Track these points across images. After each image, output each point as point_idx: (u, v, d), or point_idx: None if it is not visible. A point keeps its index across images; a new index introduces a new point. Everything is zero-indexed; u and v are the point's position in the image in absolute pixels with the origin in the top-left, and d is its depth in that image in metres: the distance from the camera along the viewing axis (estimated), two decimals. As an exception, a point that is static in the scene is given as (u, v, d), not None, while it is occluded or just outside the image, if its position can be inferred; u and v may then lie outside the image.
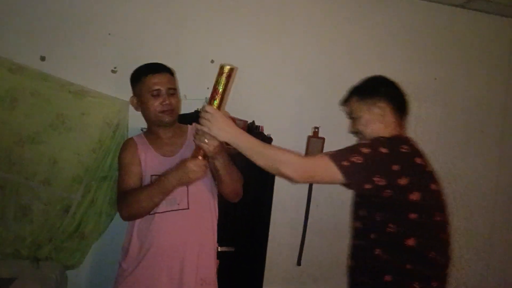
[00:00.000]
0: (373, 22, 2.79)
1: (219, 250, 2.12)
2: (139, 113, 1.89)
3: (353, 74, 2.71)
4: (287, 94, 2.66)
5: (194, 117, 2.27)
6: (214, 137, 1.47)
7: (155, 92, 1.77)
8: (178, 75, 2.42)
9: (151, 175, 1.76)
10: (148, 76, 1.79)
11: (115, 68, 2.41)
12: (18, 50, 2.24)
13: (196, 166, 1.57)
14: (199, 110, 2.36)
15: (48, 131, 2.15)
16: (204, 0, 2.53)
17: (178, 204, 1.74)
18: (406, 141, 1.55)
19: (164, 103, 1.78)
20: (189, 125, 1.96)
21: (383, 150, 1.44)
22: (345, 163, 1.41)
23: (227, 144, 1.53)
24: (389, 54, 2.81)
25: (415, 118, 2.85)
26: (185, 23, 2.51)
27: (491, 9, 2.85)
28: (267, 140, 2.41)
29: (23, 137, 2.14)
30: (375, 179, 1.41)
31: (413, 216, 1.45)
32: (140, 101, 1.83)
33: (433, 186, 1.52)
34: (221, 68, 1.50)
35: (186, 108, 2.36)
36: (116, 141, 2.20)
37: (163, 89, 1.78)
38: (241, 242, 2.24)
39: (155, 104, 1.77)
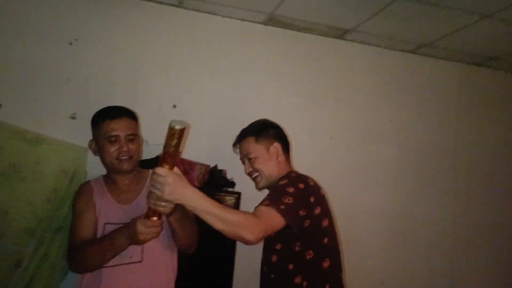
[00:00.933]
0: (332, 67, 2.89)
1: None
2: (99, 160, 1.84)
3: (312, 117, 2.82)
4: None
5: (154, 163, 2.23)
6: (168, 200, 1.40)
7: (112, 138, 1.73)
8: (139, 121, 2.41)
9: (105, 223, 1.69)
10: (106, 121, 1.74)
11: (74, 114, 2.36)
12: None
13: (146, 228, 1.47)
14: (160, 155, 2.32)
15: (0, 181, 2.05)
16: (164, 44, 2.56)
17: (130, 257, 1.65)
18: (307, 176, 1.73)
19: (121, 150, 1.73)
20: (150, 170, 1.91)
21: (301, 185, 1.61)
22: (282, 206, 1.52)
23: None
24: (347, 97, 2.91)
25: (372, 159, 2.93)
26: (145, 68, 2.52)
27: (439, 55, 3.03)
28: (230, 184, 2.39)
29: (-27, 188, 2.02)
30: (300, 212, 1.56)
31: (325, 240, 1.65)
32: (98, 146, 1.78)
33: (330, 213, 1.74)
34: (171, 129, 1.34)
35: (148, 153, 2.32)
36: (72, 189, 2.09)
37: (121, 136, 1.74)
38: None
39: (111, 150, 1.73)
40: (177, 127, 1.31)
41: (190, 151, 2.42)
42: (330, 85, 2.88)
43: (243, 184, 2.45)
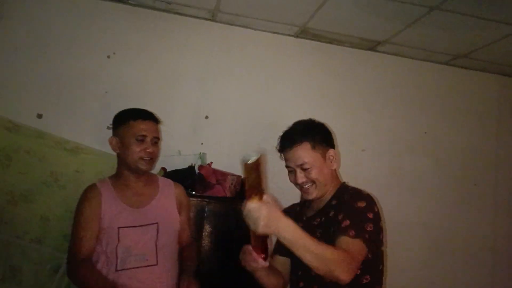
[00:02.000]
0: (365, 78, 2.88)
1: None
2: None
3: (343, 129, 2.80)
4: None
5: (187, 173, 2.28)
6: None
7: (140, 138, 1.79)
8: (172, 131, 2.47)
9: (119, 228, 1.71)
10: (138, 121, 1.81)
11: (110, 124, 2.43)
12: (16, 108, 2.29)
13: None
14: (193, 165, 2.37)
15: (41, 189, 2.14)
16: (197, 57, 2.62)
17: (147, 260, 1.72)
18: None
19: (147, 150, 1.79)
20: (159, 176, 1.98)
21: (376, 208, 1.50)
22: (366, 236, 1.42)
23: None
24: (380, 109, 2.88)
25: (407, 171, 2.88)
26: (179, 80, 2.59)
27: (476, 66, 2.96)
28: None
29: (16, 195, 2.12)
30: (378, 237, 1.48)
31: (380, 266, 1.56)
32: (121, 143, 1.82)
33: None
34: (245, 165, 1.23)
35: (181, 163, 2.38)
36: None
37: (149, 137, 1.81)
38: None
39: (138, 150, 1.78)
40: (251, 159, 1.22)
41: (222, 162, 2.45)
42: (362, 97, 2.87)
43: (274, 194, 2.45)
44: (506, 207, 2.99)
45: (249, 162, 1.22)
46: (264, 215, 1.20)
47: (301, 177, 1.56)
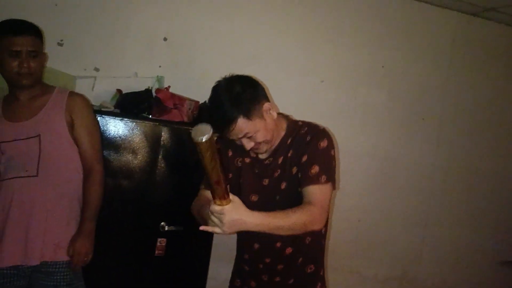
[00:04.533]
0: (325, 9, 2.83)
1: (166, 229, 2.14)
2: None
3: (304, 58, 2.81)
4: (237, 73, 2.63)
5: (144, 95, 2.25)
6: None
7: (13, 53, 1.71)
8: (128, 52, 2.38)
9: (0, 142, 1.75)
10: (8, 36, 1.71)
11: (61, 40, 2.32)
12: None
13: None
14: (149, 88, 2.33)
15: None
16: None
17: (27, 171, 1.74)
18: None
19: (22, 65, 1.72)
20: (56, 87, 1.88)
21: (332, 142, 1.54)
22: (334, 175, 1.51)
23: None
24: (339, 40, 2.88)
25: (361, 103, 2.97)
26: (136, -1, 2.45)
27: (436, 1, 2.98)
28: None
29: None
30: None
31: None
32: None
33: None
34: (196, 144, 1.06)
35: (137, 86, 2.32)
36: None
37: (23, 51, 1.72)
38: (190, 221, 2.26)
39: (12, 65, 1.72)
40: (201, 139, 1.04)
41: (180, 86, 2.42)
42: (324, 28, 2.84)
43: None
44: (447, 141, 3.18)
45: (204, 140, 1.04)
46: (228, 219, 1.21)
47: (248, 144, 1.51)
